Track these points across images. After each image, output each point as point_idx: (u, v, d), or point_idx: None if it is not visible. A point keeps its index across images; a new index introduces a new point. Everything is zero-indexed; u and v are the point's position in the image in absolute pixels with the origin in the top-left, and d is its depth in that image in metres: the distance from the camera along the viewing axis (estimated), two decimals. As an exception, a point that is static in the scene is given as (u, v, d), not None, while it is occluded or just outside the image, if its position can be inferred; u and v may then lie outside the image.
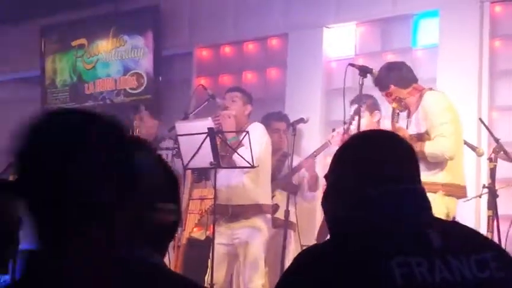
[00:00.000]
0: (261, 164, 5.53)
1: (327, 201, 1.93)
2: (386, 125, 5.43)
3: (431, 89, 5.09)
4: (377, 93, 5.41)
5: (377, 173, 1.86)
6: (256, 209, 5.58)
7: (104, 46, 8.25)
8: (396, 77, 5.03)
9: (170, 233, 1.85)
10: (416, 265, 1.72)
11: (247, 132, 5.34)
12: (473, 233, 1.93)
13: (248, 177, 5.57)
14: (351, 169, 1.89)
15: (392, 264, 1.71)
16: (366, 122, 5.52)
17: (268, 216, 5.67)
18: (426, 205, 1.87)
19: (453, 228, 1.89)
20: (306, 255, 1.84)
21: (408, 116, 5.01)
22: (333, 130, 5.95)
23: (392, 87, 4.99)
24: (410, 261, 1.72)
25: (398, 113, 4.96)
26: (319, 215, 6.54)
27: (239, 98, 5.79)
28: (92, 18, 8.36)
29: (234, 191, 5.58)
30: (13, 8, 8.47)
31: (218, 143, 5.36)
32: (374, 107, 5.73)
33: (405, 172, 1.88)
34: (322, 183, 5.69)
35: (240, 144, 5.43)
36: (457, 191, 4.83)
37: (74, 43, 8.47)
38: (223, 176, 5.56)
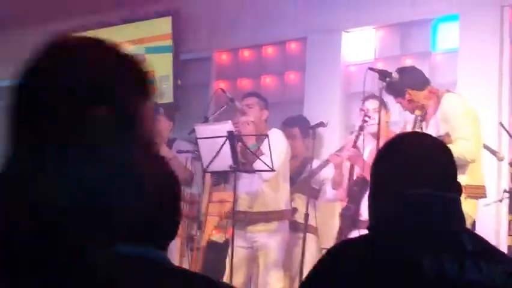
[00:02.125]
0: (280, 170, 5.54)
1: (370, 199, 1.98)
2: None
3: (448, 91, 5.08)
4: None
5: (415, 178, 1.90)
6: (276, 215, 5.60)
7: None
8: (411, 80, 5.03)
9: (172, 231, 1.87)
10: (447, 262, 1.77)
11: (267, 135, 5.35)
12: (499, 249, 2.00)
13: (268, 185, 5.58)
14: (391, 171, 1.94)
15: (423, 259, 1.75)
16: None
17: (287, 221, 5.68)
18: (458, 213, 1.91)
19: (482, 239, 1.94)
20: (341, 247, 1.91)
21: (424, 119, 4.99)
22: (351, 133, 5.95)
23: (409, 91, 4.99)
24: (442, 259, 1.77)
25: (421, 120, 4.95)
26: (339, 218, 6.53)
27: (256, 104, 5.80)
28: (111, 22, 8.39)
29: (254, 198, 5.60)
30: (25, 12, 8.51)
31: (238, 150, 5.38)
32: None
33: (443, 178, 1.92)
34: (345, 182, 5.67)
35: (259, 151, 5.44)
36: (477, 192, 4.83)
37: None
38: (243, 184, 5.58)
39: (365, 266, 1.75)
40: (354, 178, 5.57)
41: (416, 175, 1.89)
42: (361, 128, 5.43)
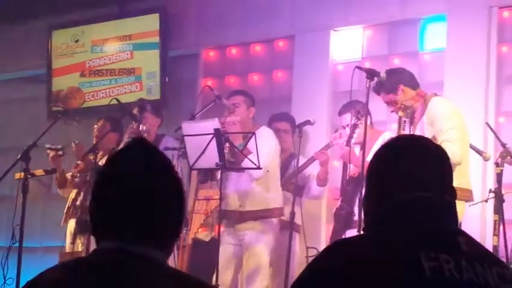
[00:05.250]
0: (270, 169, 5.53)
1: (366, 200, 1.99)
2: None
3: (435, 94, 5.10)
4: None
5: (412, 180, 1.90)
6: (267, 213, 5.58)
7: (110, 46, 8.25)
8: (404, 78, 5.05)
9: (176, 232, 1.87)
10: (445, 262, 1.78)
11: (254, 133, 5.34)
12: (492, 253, 2.04)
13: (258, 184, 5.56)
14: (388, 173, 1.94)
15: (421, 257, 1.77)
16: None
17: (275, 219, 5.66)
18: (454, 215, 1.95)
19: (476, 241, 1.96)
20: (338, 246, 1.90)
21: (412, 122, 5.00)
22: (336, 131, 5.95)
23: (402, 87, 4.99)
24: (439, 258, 1.78)
25: (404, 121, 4.96)
26: (324, 216, 6.54)
27: (242, 102, 5.78)
28: (99, 18, 8.37)
29: (244, 197, 5.58)
30: (20, 7, 8.49)
31: (227, 151, 5.34)
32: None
33: (437, 181, 1.93)
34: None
35: (247, 150, 5.42)
36: (464, 195, 4.83)
37: (80, 42, 8.48)
38: (232, 183, 5.56)
39: (362, 265, 1.75)
40: (347, 178, 5.53)
41: (413, 178, 1.90)
42: (355, 127, 5.33)
